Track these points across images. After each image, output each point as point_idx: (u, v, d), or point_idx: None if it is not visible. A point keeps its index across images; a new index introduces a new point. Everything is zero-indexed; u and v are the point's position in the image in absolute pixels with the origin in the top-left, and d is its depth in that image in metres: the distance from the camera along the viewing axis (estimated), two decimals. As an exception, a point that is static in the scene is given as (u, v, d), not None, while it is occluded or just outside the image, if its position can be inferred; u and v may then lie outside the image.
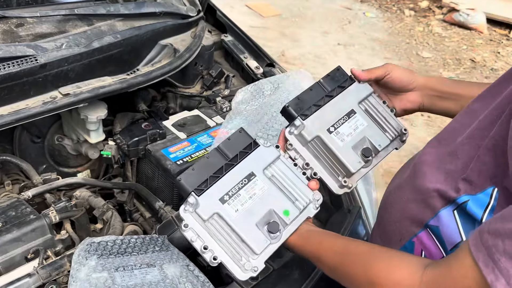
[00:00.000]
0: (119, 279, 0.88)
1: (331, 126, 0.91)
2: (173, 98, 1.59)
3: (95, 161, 1.55)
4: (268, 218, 0.83)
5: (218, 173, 0.83)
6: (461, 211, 0.66)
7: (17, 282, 0.96)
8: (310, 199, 0.87)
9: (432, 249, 0.71)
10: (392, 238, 0.79)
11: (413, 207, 0.74)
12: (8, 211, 1.10)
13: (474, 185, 0.65)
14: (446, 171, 0.70)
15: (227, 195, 0.82)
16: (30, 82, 1.12)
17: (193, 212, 0.81)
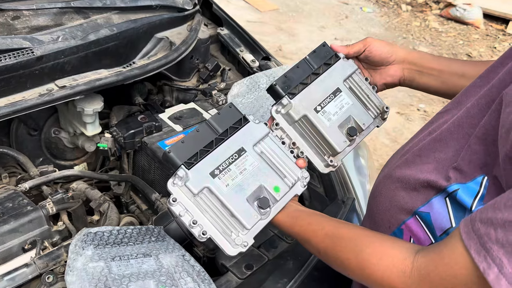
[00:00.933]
0: (116, 268, 0.89)
1: (318, 105, 0.91)
2: (169, 91, 1.60)
3: (91, 154, 1.56)
4: (258, 194, 0.83)
5: (208, 147, 0.82)
6: (452, 198, 0.67)
7: (14, 272, 0.97)
8: (299, 176, 0.88)
9: (420, 235, 0.72)
10: (381, 226, 0.80)
11: (403, 195, 0.75)
12: (5, 203, 1.11)
13: (464, 174, 0.66)
14: (436, 159, 0.71)
15: (218, 169, 0.81)
16: (27, 74, 1.12)
17: (182, 185, 0.79)
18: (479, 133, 0.65)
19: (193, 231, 0.79)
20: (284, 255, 1.05)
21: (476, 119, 0.67)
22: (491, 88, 0.67)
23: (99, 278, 0.86)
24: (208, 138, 0.83)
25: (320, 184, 1.27)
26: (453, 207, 0.67)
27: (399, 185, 0.76)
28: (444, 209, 0.68)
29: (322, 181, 1.27)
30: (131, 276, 0.89)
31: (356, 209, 1.21)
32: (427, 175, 0.71)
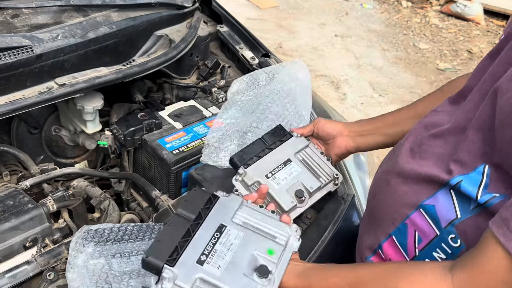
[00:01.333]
0: (116, 265, 0.90)
1: (269, 172, 1.04)
2: (169, 89, 1.60)
3: (92, 152, 1.56)
4: (254, 264, 0.77)
5: (186, 237, 0.77)
6: (456, 190, 0.68)
7: (15, 270, 0.98)
8: (289, 232, 0.84)
9: (425, 228, 0.73)
10: (384, 222, 0.80)
11: (405, 189, 0.75)
12: (6, 201, 1.12)
13: (465, 165, 0.67)
14: (435, 155, 0.72)
15: (203, 255, 0.76)
16: (26, 72, 1.12)
17: (174, 286, 0.72)
18: (475, 124, 0.66)
19: None
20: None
21: (471, 112, 0.69)
22: (483, 83, 0.69)
23: (100, 275, 0.87)
24: (182, 228, 0.79)
25: (320, 181, 1.27)
26: (458, 199, 0.68)
27: (400, 180, 0.77)
28: (449, 201, 0.69)
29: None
30: (131, 273, 0.89)
31: (356, 205, 1.21)
32: (427, 170, 0.72)
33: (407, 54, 4.39)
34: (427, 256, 0.73)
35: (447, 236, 0.69)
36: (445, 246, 0.70)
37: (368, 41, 4.56)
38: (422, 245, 0.74)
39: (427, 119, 0.82)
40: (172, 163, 1.22)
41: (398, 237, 0.78)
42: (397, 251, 0.78)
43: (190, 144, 1.28)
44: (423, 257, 0.74)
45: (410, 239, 0.75)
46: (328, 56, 4.20)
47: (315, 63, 4.02)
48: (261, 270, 0.75)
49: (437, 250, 0.72)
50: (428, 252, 0.73)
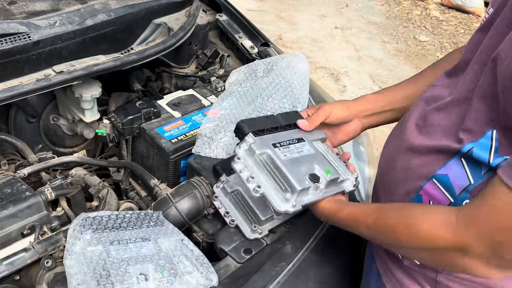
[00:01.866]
0: (114, 252, 0.90)
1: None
2: (167, 78, 1.59)
3: (90, 141, 1.56)
4: (311, 170, 0.90)
5: (273, 128, 0.96)
6: (468, 157, 0.71)
7: (13, 257, 0.97)
8: (350, 177, 0.96)
9: (439, 197, 0.76)
10: (399, 197, 0.84)
11: (417, 162, 0.79)
12: (4, 188, 1.11)
13: (474, 133, 0.70)
14: (441, 127, 0.76)
15: (279, 144, 0.93)
16: (24, 59, 1.11)
17: (247, 148, 0.92)
18: (478, 92, 0.70)
19: (249, 185, 0.88)
20: (282, 239, 1.05)
21: (472, 83, 0.72)
22: (480, 54, 0.73)
23: (98, 261, 0.87)
24: (275, 123, 0.97)
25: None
26: (469, 165, 0.71)
27: (411, 155, 0.80)
28: (461, 169, 0.72)
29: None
30: (129, 260, 0.89)
31: (355, 195, 1.20)
32: (437, 141, 0.75)
33: (407, 46, 4.37)
34: None
35: (462, 202, 0.73)
36: None
37: (369, 33, 4.54)
38: None
39: (426, 94, 0.85)
40: (171, 152, 1.22)
41: None
42: None
43: (188, 133, 1.27)
44: None
45: None
46: (328, 48, 4.18)
47: (315, 55, 4.00)
48: (313, 176, 0.89)
49: None
50: None
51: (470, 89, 0.73)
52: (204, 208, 1.15)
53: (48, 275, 0.99)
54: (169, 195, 1.13)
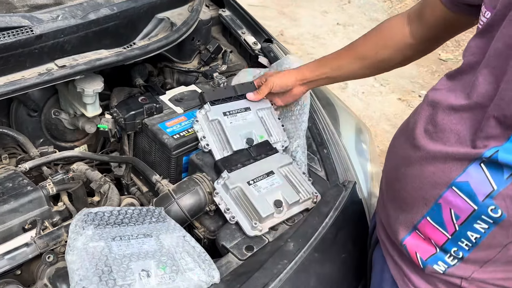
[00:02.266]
0: (116, 248, 0.89)
1: (251, 180, 1.12)
2: (170, 73, 1.58)
3: (92, 136, 1.55)
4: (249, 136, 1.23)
5: (228, 99, 1.26)
6: (489, 162, 0.69)
7: (14, 251, 0.97)
8: (280, 139, 1.26)
9: (460, 205, 0.74)
10: (414, 207, 0.82)
11: (433, 170, 0.77)
12: (5, 183, 1.11)
13: (497, 138, 0.69)
14: (454, 132, 0.74)
15: (229, 112, 1.23)
16: (26, 53, 1.11)
17: (204, 114, 1.22)
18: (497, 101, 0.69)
19: (201, 143, 1.21)
20: (284, 237, 1.05)
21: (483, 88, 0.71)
22: (489, 58, 0.72)
23: (100, 257, 0.86)
24: (230, 94, 1.27)
25: (321, 168, 1.26)
26: (490, 171, 0.70)
27: (425, 162, 0.78)
28: (482, 174, 0.70)
29: (323, 165, 1.26)
30: (131, 256, 0.89)
31: (357, 191, 1.20)
32: (452, 148, 0.74)
33: (409, 43, 4.35)
34: (469, 229, 0.75)
35: (486, 208, 0.71)
36: (486, 218, 0.72)
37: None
38: (460, 221, 0.75)
39: (429, 97, 0.83)
40: (173, 148, 1.21)
41: (433, 217, 0.79)
42: (434, 229, 0.80)
43: (191, 129, 1.27)
44: (464, 231, 0.75)
45: (446, 217, 0.77)
46: (330, 45, 4.16)
47: (316, 51, 3.99)
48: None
49: (478, 222, 0.73)
50: (469, 226, 0.75)
51: (483, 95, 0.71)
52: (206, 204, 1.15)
53: (50, 270, 0.99)
54: (171, 191, 1.13)
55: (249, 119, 1.25)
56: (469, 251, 0.77)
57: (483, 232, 0.73)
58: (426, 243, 0.83)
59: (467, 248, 0.77)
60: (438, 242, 0.81)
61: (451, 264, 0.81)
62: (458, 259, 0.79)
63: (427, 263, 0.83)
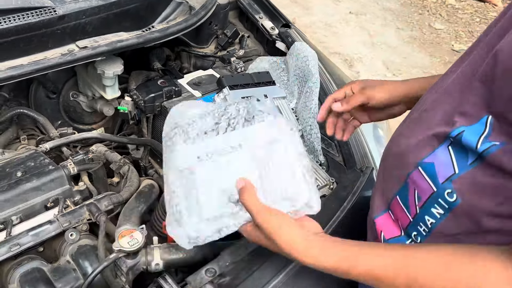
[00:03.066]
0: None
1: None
2: (187, 58, 1.58)
3: (109, 118, 1.56)
4: None
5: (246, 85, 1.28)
6: (455, 144, 0.67)
7: (38, 228, 0.99)
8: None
9: (423, 186, 0.72)
10: (390, 183, 0.80)
11: (409, 149, 0.75)
12: (27, 162, 1.12)
13: (469, 116, 0.65)
14: (443, 111, 0.71)
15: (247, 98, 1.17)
16: (48, 33, 1.11)
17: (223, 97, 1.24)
18: (479, 75, 0.65)
19: None
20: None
21: (477, 64, 0.67)
22: (492, 36, 0.68)
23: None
24: (248, 81, 1.28)
25: (338, 153, 1.27)
26: (456, 154, 0.67)
27: (406, 141, 0.76)
28: (448, 157, 0.68)
29: (340, 150, 1.26)
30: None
31: (374, 178, 1.20)
32: (434, 128, 0.71)
33: (422, 34, 4.32)
34: (426, 213, 0.73)
35: (443, 191, 0.69)
36: (442, 202, 0.70)
37: (383, 19, 4.48)
38: (421, 203, 0.73)
39: (438, 84, 0.80)
40: (192, 131, 1.22)
41: (401, 196, 0.78)
42: (401, 210, 0.78)
43: (209, 113, 1.27)
44: (422, 214, 0.73)
45: (411, 197, 0.75)
46: (342, 34, 4.14)
47: (328, 40, 3.97)
48: None
49: (435, 206, 0.71)
50: (427, 209, 0.72)
51: (475, 71, 0.67)
52: (224, 187, 1.15)
53: (72, 248, 1.00)
54: (190, 173, 1.14)
55: None
56: (426, 237, 0.74)
57: (438, 217, 0.71)
58: (394, 225, 0.81)
59: (424, 234, 0.75)
60: (403, 225, 0.79)
61: None
62: None
63: (387, 242, 0.81)
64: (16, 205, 1.03)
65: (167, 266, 0.99)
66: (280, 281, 0.88)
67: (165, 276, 0.88)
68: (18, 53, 1.11)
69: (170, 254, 1.00)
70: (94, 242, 1.02)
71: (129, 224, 1.01)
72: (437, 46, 4.14)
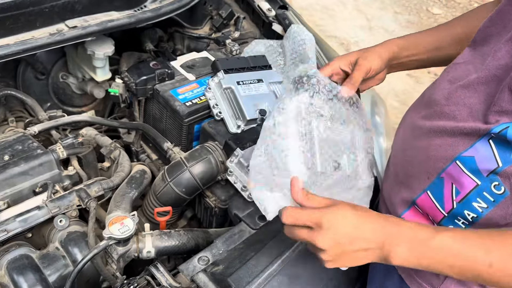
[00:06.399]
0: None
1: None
2: (180, 39, 1.54)
3: (100, 101, 1.52)
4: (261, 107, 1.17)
5: (242, 69, 1.24)
6: (497, 139, 0.67)
7: (26, 214, 0.96)
8: None
9: (462, 180, 0.72)
10: (417, 178, 0.79)
11: (439, 143, 0.74)
12: (15, 145, 1.09)
13: (509, 114, 0.66)
14: (467, 105, 0.72)
15: (242, 82, 1.21)
16: (36, 12, 1.07)
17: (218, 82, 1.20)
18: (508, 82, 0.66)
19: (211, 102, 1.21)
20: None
21: (503, 60, 0.68)
22: None
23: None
24: (243, 65, 1.24)
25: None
26: (497, 147, 0.67)
27: (433, 135, 0.76)
28: (489, 150, 0.68)
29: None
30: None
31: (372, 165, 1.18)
32: (462, 121, 0.71)
33: (419, 18, 4.27)
34: (466, 207, 0.73)
35: (490, 184, 0.69)
36: (487, 195, 0.70)
37: (381, 2, 4.42)
38: (460, 197, 0.73)
39: (449, 74, 0.80)
40: (185, 115, 1.19)
41: (433, 191, 0.77)
42: (432, 205, 0.78)
43: (203, 97, 1.24)
44: (461, 208, 0.73)
45: (447, 192, 0.75)
46: (339, 17, 4.08)
47: (325, 23, 3.91)
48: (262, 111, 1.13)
49: (477, 200, 0.71)
50: (467, 203, 0.72)
51: (500, 66, 0.69)
52: (218, 173, 1.13)
53: (61, 234, 0.98)
54: (183, 159, 1.11)
55: (262, 91, 1.22)
56: None
57: (480, 212, 0.71)
58: (424, 219, 0.82)
59: (463, 227, 0.75)
60: (436, 219, 0.79)
61: None
62: None
63: None
64: (3, 190, 1.00)
65: (159, 254, 0.98)
66: (275, 269, 0.87)
67: (156, 265, 0.86)
68: (4, 32, 1.06)
69: (162, 241, 0.98)
70: (84, 228, 0.99)
71: (120, 211, 0.98)
72: (434, 31, 4.10)
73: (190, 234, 1.03)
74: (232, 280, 0.82)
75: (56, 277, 0.93)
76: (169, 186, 1.09)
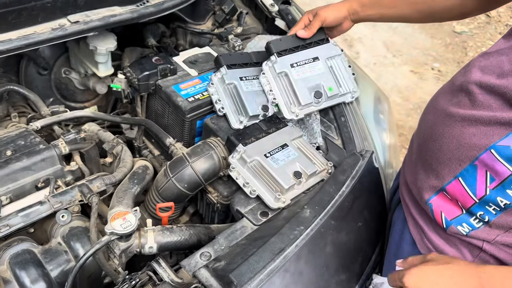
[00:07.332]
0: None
1: (268, 152, 1.09)
2: (182, 35, 1.53)
3: (102, 97, 1.52)
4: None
5: (245, 64, 1.23)
6: None
7: (28, 209, 0.96)
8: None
9: (497, 168, 0.73)
10: (448, 165, 0.81)
11: (473, 132, 0.76)
12: (17, 140, 1.09)
13: None
14: (502, 96, 0.73)
15: (245, 77, 1.21)
16: (39, 7, 1.07)
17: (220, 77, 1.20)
18: None
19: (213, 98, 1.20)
20: (299, 204, 1.03)
21: None
22: None
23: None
24: (246, 60, 1.25)
25: (338, 136, 1.24)
26: None
27: (467, 123, 0.77)
28: None
29: (340, 133, 1.23)
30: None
31: (374, 162, 1.18)
32: (499, 111, 0.73)
33: (423, 14, 4.24)
34: (499, 194, 0.75)
35: None
36: None
37: (384, -1, 4.39)
38: (494, 184, 0.75)
39: (481, 62, 0.80)
40: (187, 111, 1.18)
41: (465, 178, 0.79)
42: (463, 191, 0.80)
43: (205, 93, 1.24)
44: (494, 195, 0.75)
45: (480, 179, 0.77)
46: (342, 13, 4.05)
47: (328, 20, 3.89)
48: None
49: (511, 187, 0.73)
50: (501, 190, 0.74)
51: None
52: (220, 169, 1.13)
53: (63, 229, 0.98)
54: (185, 155, 1.11)
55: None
56: (496, 215, 0.77)
57: None
58: (452, 204, 0.84)
59: (494, 213, 0.77)
60: (465, 205, 0.80)
61: (476, 226, 0.81)
62: (483, 222, 0.79)
63: (451, 223, 0.83)
64: (5, 185, 1.00)
65: (161, 249, 0.98)
66: (277, 266, 0.87)
67: (158, 260, 0.86)
68: (7, 27, 1.06)
69: (164, 237, 0.98)
70: (86, 224, 1.00)
71: (122, 206, 0.98)
72: (438, 27, 4.07)
73: (192, 229, 1.03)
74: (234, 276, 0.82)
75: (58, 272, 0.93)
76: (171, 182, 1.09)
